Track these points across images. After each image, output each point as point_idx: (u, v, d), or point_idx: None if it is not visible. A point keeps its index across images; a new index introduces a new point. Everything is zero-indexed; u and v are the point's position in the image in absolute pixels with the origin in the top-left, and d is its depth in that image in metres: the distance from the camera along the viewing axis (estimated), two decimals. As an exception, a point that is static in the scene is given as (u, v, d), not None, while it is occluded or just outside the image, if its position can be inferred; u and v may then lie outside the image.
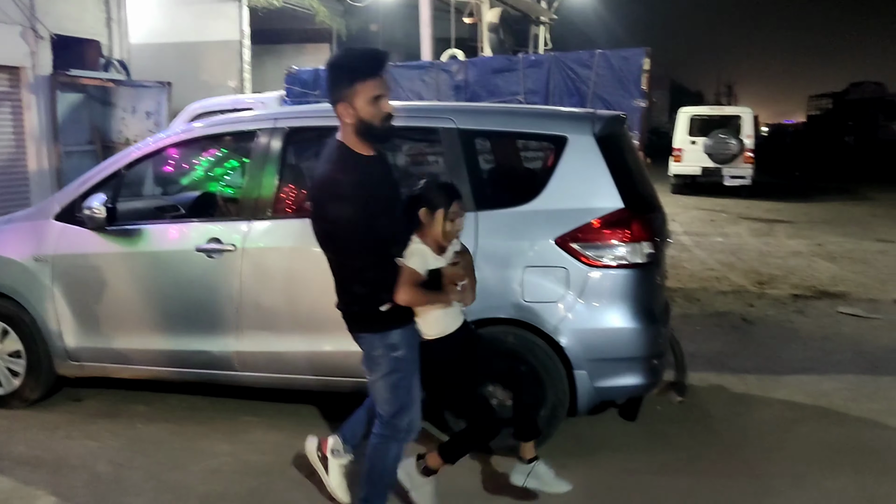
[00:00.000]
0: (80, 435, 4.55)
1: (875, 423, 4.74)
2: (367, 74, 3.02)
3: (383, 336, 3.18)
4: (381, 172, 3.20)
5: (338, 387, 4.49)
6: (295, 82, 8.64)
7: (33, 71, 10.75)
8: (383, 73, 3.08)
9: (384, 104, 3.05)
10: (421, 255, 3.14)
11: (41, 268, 4.82)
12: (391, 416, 3.26)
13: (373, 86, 3.02)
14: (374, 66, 3.06)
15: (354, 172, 3.04)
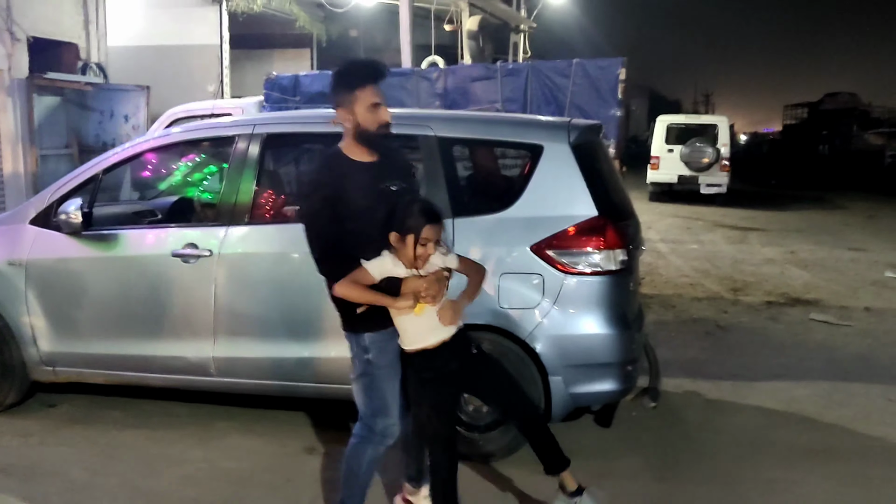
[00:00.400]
0: (53, 441, 4.52)
1: (845, 429, 4.82)
2: (367, 82, 3.19)
3: (358, 338, 3.24)
4: (370, 179, 3.21)
5: (313, 393, 4.50)
6: (274, 88, 8.63)
7: (9, 74, 10.64)
8: (380, 81, 3.24)
9: (382, 112, 3.19)
10: (380, 261, 3.12)
11: (15, 272, 4.79)
12: (367, 417, 3.29)
13: (371, 93, 3.19)
14: (374, 75, 3.23)
15: (325, 175, 3.19)
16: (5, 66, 10.57)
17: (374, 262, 3.12)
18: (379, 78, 3.24)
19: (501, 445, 4.22)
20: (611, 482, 4.06)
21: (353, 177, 3.18)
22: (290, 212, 5.11)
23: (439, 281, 3.14)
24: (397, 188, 3.28)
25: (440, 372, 3.21)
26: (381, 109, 3.20)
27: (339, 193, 3.13)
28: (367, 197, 3.18)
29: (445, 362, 3.20)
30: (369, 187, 3.21)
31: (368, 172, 3.23)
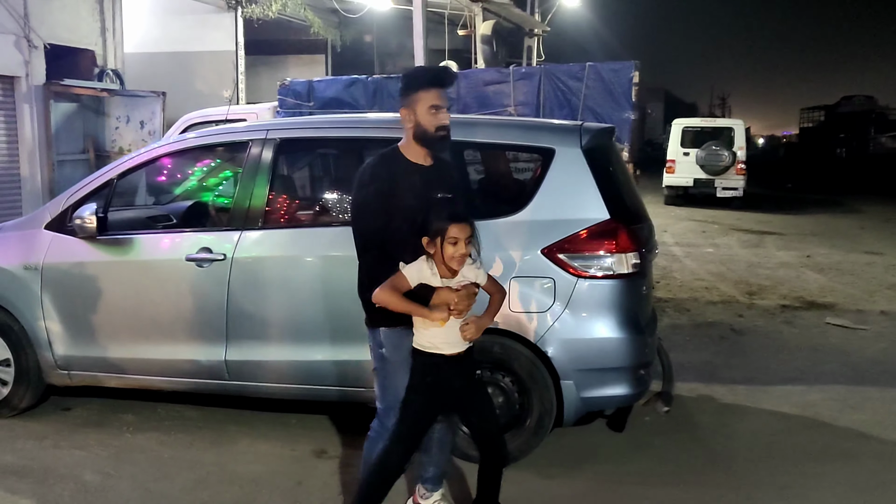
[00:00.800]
0: (67, 444, 4.55)
1: (860, 434, 4.77)
2: (430, 85, 3.32)
3: (374, 332, 3.33)
4: (420, 181, 3.30)
5: (326, 396, 4.51)
6: (288, 94, 8.69)
7: (27, 80, 10.78)
8: (446, 87, 3.38)
9: (441, 115, 3.30)
10: (418, 267, 3.16)
11: (31, 276, 4.83)
12: (381, 412, 3.37)
13: (433, 96, 3.31)
14: (438, 80, 3.37)
15: (382, 169, 3.30)
16: (23, 73, 10.70)
17: (413, 267, 3.16)
18: (443, 83, 3.37)
19: (512, 449, 4.16)
20: (623, 487, 4.05)
21: (405, 176, 3.29)
22: (303, 216, 5.14)
23: (469, 297, 3.17)
24: (443, 198, 3.33)
25: (443, 383, 3.23)
26: (441, 113, 3.30)
27: (392, 189, 3.24)
28: (416, 199, 3.25)
29: (452, 376, 3.22)
30: (419, 190, 3.29)
31: (421, 175, 3.33)
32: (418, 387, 3.24)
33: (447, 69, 3.54)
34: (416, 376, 3.25)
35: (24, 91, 10.75)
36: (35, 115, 10.87)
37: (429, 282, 3.15)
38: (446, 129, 3.33)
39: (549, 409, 4.16)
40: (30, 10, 10.73)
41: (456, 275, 3.17)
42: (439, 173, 3.41)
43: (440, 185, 3.36)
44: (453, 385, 3.24)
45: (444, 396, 3.27)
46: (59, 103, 11.30)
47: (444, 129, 3.32)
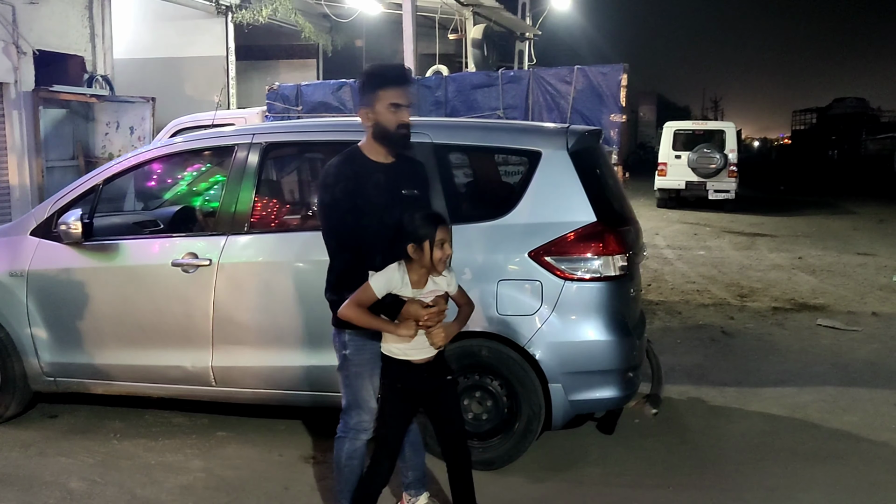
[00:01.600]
0: (53, 451, 4.52)
1: (851, 435, 4.77)
2: (390, 84, 3.31)
3: (340, 333, 3.33)
4: (384, 179, 3.30)
5: (312, 402, 4.48)
6: (277, 98, 8.65)
7: (16, 87, 10.73)
8: (406, 86, 3.36)
9: (401, 113, 3.29)
10: (388, 277, 3.12)
11: (16, 283, 4.80)
12: (343, 412, 3.39)
13: (393, 94, 3.29)
14: (398, 78, 3.36)
15: (346, 168, 3.28)
16: (11, 79, 10.65)
17: (381, 277, 3.12)
18: (402, 81, 3.36)
19: (501, 453, 4.20)
20: (612, 489, 4.04)
21: (369, 175, 3.29)
22: (290, 221, 5.12)
23: (440, 314, 3.15)
24: (410, 195, 3.35)
25: (414, 388, 3.23)
26: (401, 111, 3.29)
27: (357, 188, 3.25)
28: (381, 196, 3.27)
29: (422, 381, 3.22)
30: (383, 188, 3.29)
31: (384, 174, 3.32)
32: (390, 392, 3.24)
33: (405, 67, 3.52)
34: (386, 382, 3.24)
35: (12, 97, 10.70)
36: (24, 122, 10.82)
37: (398, 292, 3.12)
38: (407, 126, 3.34)
39: (537, 413, 4.14)
40: (18, 16, 10.68)
41: (426, 284, 3.15)
42: (403, 170, 3.41)
43: (404, 182, 3.38)
44: (424, 389, 3.24)
45: (417, 400, 3.27)
46: (49, 109, 11.24)
47: (404, 128, 3.33)
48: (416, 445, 3.58)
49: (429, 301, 3.14)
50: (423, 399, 3.29)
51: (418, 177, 3.50)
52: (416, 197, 3.37)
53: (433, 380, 3.25)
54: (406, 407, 3.27)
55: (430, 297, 3.15)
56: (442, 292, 3.20)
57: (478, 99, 7.71)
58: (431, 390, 3.26)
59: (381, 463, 3.26)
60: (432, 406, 3.32)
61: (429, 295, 3.15)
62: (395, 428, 3.27)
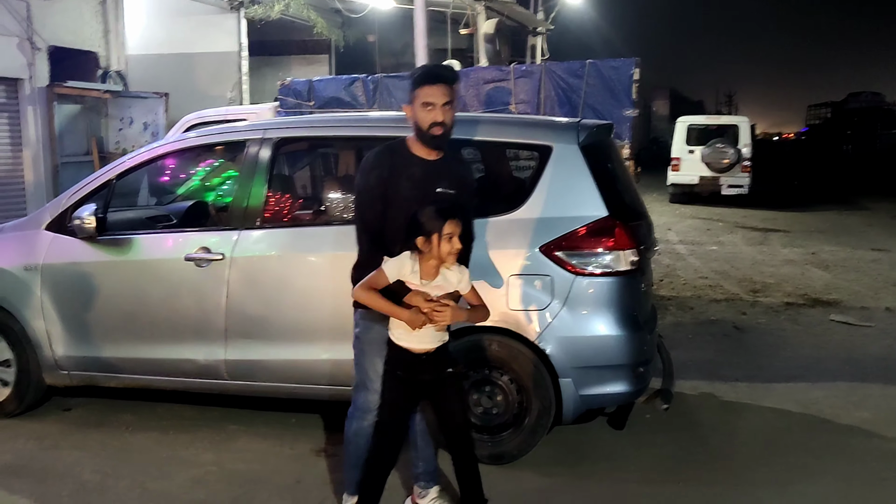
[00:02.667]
0: (67, 444, 4.56)
1: (862, 431, 4.74)
2: (424, 83, 3.38)
3: (355, 311, 3.47)
4: (420, 174, 3.37)
5: (324, 395, 4.50)
6: (289, 93, 8.69)
7: (31, 83, 10.82)
8: (439, 84, 3.38)
9: (433, 112, 3.34)
10: (400, 263, 3.20)
11: (31, 277, 4.84)
12: (354, 390, 3.50)
13: (426, 93, 3.36)
14: (430, 77, 3.42)
15: (385, 157, 3.41)
16: (26, 75, 10.74)
17: (393, 263, 3.20)
18: (434, 80, 3.39)
19: (511, 447, 4.21)
20: (622, 484, 4.04)
21: (406, 168, 3.38)
22: (302, 216, 5.14)
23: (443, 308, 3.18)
24: (444, 193, 3.38)
25: (412, 377, 3.27)
26: (434, 110, 3.33)
27: (391, 177, 3.35)
28: (414, 190, 3.33)
29: (420, 371, 3.27)
30: (418, 182, 3.36)
31: (421, 169, 3.39)
32: (390, 379, 3.31)
33: (443, 66, 3.57)
34: (388, 368, 3.32)
35: (27, 93, 10.79)
36: (38, 117, 10.91)
37: (407, 280, 3.19)
38: (440, 125, 3.35)
39: (547, 408, 4.14)
40: (32, 12, 10.77)
41: (437, 275, 3.19)
42: (442, 169, 3.44)
43: (442, 180, 3.40)
44: (424, 380, 3.29)
45: (416, 390, 3.32)
46: (63, 105, 11.34)
47: (437, 126, 3.34)
48: (426, 437, 3.61)
49: (434, 295, 3.17)
50: (425, 390, 3.32)
51: (459, 177, 3.51)
52: (450, 196, 3.38)
53: (433, 371, 3.29)
54: (405, 396, 3.32)
55: (438, 292, 3.18)
56: (451, 289, 3.22)
57: (490, 93, 7.72)
58: (432, 382, 3.30)
59: (382, 449, 3.31)
60: (434, 398, 3.35)
61: (436, 289, 3.19)
62: (394, 415, 3.32)
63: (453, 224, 3.14)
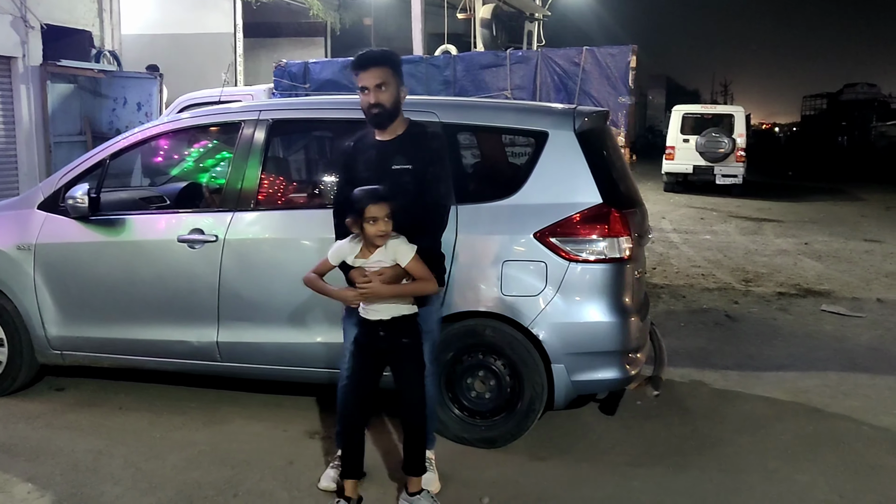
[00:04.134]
0: (60, 424, 4.56)
1: (852, 420, 4.78)
2: (356, 69, 3.62)
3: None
4: (376, 156, 3.58)
5: (317, 378, 4.51)
6: (284, 75, 8.64)
7: (24, 61, 10.75)
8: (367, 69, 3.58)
9: (368, 95, 3.57)
10: (340, 246, 3.45)
11: (24, 256, 4.83)
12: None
13: (360, 79, 3.61)
14: (360, 63, 3.61)
15: (349, 144, 3.72)
16: (19, 54, 10.67)
17: (334, 248, 3.47)
18: (363, 65, 3.59)
19: (503, 431, 4.23)
20: (612, 469, 4.07)
21: (365, 150, 3.63)
22: (296, 198, 5.12)
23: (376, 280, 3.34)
24: (399, 169, 3.53)
25: (368, 343, 3.48)
26: (368, 93, 3.56)
27: (351, 162, 3.65)
28: (368, 171, 3.55)
29: (376, 340, 3.46)
30: (372, 163, 3.58)
31: (377, 150, 3.60)
32: (352, 345, 3.58)
33: (375, 50, 3.70)
34: (348, 333, 3.62)
35: (20, 71, 10.72)
36: (32, 96, 10.85)
37: (348, 260, 3.41)
38: (376, 106, 3.55)
39: (539, 393, 4.16)
40: (27, -10, 10.68)
41: (373, 253, 3.35)
42: (399, 147, 3.60)
43: (398, 157, 3.57)
44: (380, 348, 3.47)
45: (374, 358, 3.51)
46: (56, 84, 11.27)
47: (373, 107, 3.56)
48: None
49: (374, 270, 3.34)
50: (383, 359, 3.52)
51: (416, 152, 3.60)
52: (405, 171, 3.54)
53: (388, 341, 3.45)
54: (362, 362, 3.52)
55: (376, 267, 3.35)
56: (388, 263, 3.35)
57: (486, 79, 7.69)
58: (388, 351, 3.48)
59: (344, 409, 3.60)
60: (393, 369, 3.54)
61: (374, 265, 3.35)
62: (351, 378, 3.56)
63: (377, 208, 3.28)
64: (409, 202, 3.47)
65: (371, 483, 3.73)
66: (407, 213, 3.42)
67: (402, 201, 3.42)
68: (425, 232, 3.52)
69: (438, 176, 3.60)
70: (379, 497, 3.67)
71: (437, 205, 3.59)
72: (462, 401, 4.29)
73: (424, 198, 3.54)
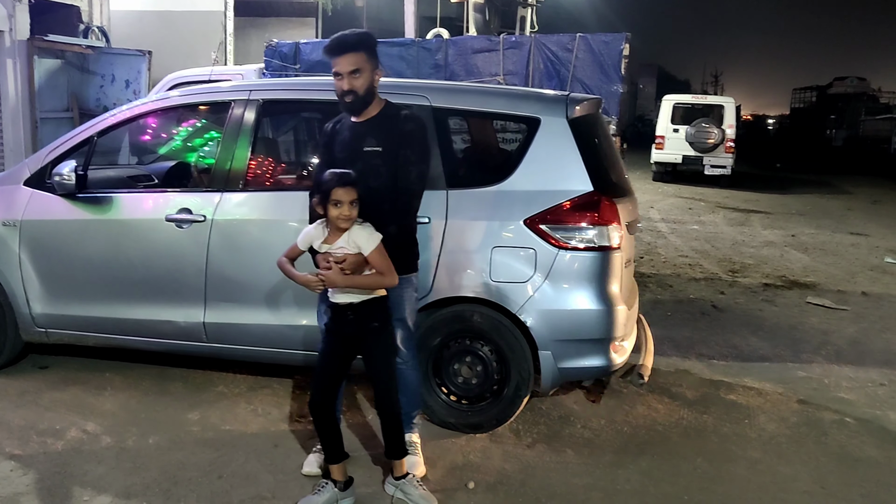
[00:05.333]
0: (43, 402, 4.53)
1: (835, 412, 4.82)
2: (330, 54, 3.58)
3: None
4: (349, 137, 3.61)
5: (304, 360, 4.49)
6: (275, 55, 8.57)
7: (11, 35, 10.60)
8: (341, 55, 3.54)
9: (341, 81, 3.55)
10: (307, 231, 3.43)
11: (9, 233, 4.78)
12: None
13: (334, 64, 3.57)
14: (334, 48, 3.57)
15: (331, 127, 3.71)
16: (6, 28, 10.52)
17: (303, 233, 3.44)
18: (337, 51, 3.54)
19: (489, 417, 4.24)
20: (597, 457, 4.08)
21: (340, 132, 3.66)
22: (285, 179, 5.09)
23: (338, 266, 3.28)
24: (371, 150, 3.54)
25: (335, 327, 3.46)
26: (342, 79, 3.54)
27: (329, 143, 3.68)
28: (343, 153, 3.59)
29: (345, 323, 3.42)
30: (346, 144, 3.61)
31: (350, 131, 3.62)
32: (323, 330, 3.57)
33: (349, 34, 3.61)
34: (321, 318, 3.64)
35: (7, 46, 10.58)
36: (18, 71, 10.71)
37: (315, 245, 3.38)
38: (349, 93, 3.53)
39: (526, 379, 4.17)
40: (14, -38, 10.53)
41: (338, 239, 3.32)
42: (372, 128, 3.60)
43: (369, 138, 3.56)
44: (346, 331, 3.44)
45: (342, 341, 3.47)
46: (43, 59, 11.13)
47: (347, 94, 3.53)
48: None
49: (336, 257, 3.29)
50: (353, 343, 3.48)
51: (388, 134, 3.58)
52: (375, 153, 3.54)
53: (356, 325, 3.42)
54: (331, 347, 3.49)
55: (339, 253, 3.30)
56: (352, 250, 3.31)
57: (478, 63, 7.66)
58: (357, 335, 3.45)
59: (315, 394, 3.51)
60: (363, 354, 3.51)
61: (339, 251, 3.31)
62: (321, 363, 3.53)
63: (343, 191, 3.24)
64: (379, 185, 3.48)
65: (357, 467, 3.73)
66: (376, 196, 3.42)
67: (374, 184, 3.44)
68: (392, 217, 3.48)
69: (409, 159, 3.56)
70: (365, 482, 3.67)
71: (406, 189, 3.55)
72: (449, 386, 4.29)
73: (395, 182, 3.53)
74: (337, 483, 3.48)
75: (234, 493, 3.58)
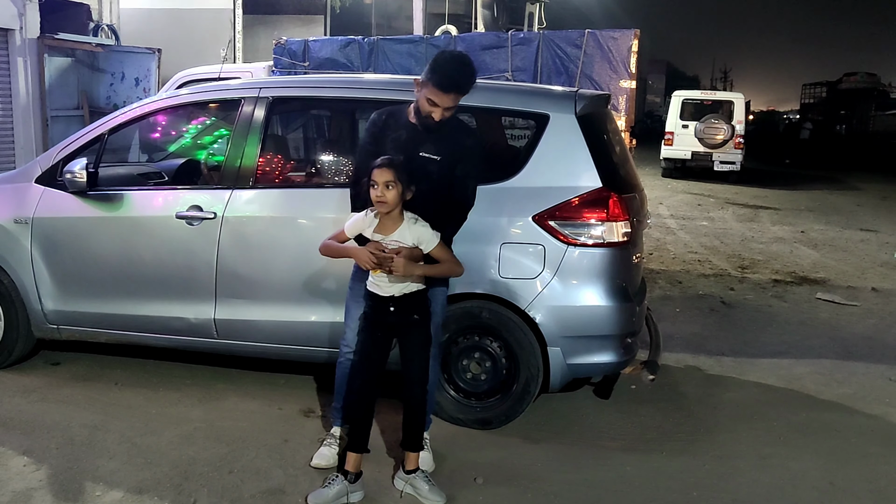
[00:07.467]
0: (55, 398, 4.57)
1: (844, 408, 4.81)
2: (435, 84, 3.44)
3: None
4: (406, 137, 3.57)
5: (314, 357, 4.51)
6: (284, 53, 8.59)
7: (21, 34, 10.65)
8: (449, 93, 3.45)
9: (435, 110, 3.48)
10: (357, 218, 3.48)
11: (21, 230, 4.81)
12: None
13: (437, 94, 3.45)
14: (447, 86, 3.44)
15: (383, 117, 3.67)
16: (17, 26, 10.56)
17: (352, 219, 3.50)
18: (449, 89, 3.44)
19: (498, 413, 4.25)
20: (606, 453, 4.09)
21: (396, 130, 3.59)
22: (295, 177, 5.11)
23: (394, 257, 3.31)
24: (427, 158, 3.53)
25: (377, 319, 3.51)
26: (436, 109, 3.47)
27: (380, 135, 3.61)
28: (395, 151, 3.49)
29: (385, 315, 3.49)
30: (402, 144, 3.54)
31: (408, 132, 3.57)
32: (362, 320, 3.61)
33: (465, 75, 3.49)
34: (362, 311, 3.61)
35: (17, 44, 10.62)
36: (29, 69, 10.76)
37: (364, 233, 3.45)
38: (433, 120, 3.50)
39: (535, 375, 4.18)
40: (24, -39, 10.57)
41: (393, 231, 3.38)
42: (433, 136, 3.54)
43: (428, 146, 3.54)
44: (389, 323, 3.50)
45: (383, 332, 3.53)
46: (54, 57, 11.18)
47: (432, 119, 3.50)
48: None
49: (389, 248, 3.34)
50: (390, 332, 3.54)
51: (447, 145, 3.58)
52: (431, 161, 3.53)
53: (398, 316, 3.48)
54: (373, 337, 3.54)
55: (394, 246, 3.35)
56: (408, 245, 3.36)
57: (486, 60, 7.64)
58: (396, 326, 3.51)
59: (353, 385, 3.62)
60: (400, 344, 3.56)
61: (392, 243, 3.36)
62: (361, 353, 3.59)
63: (382, 173, 3.31)
64: (427, 189, 3.48)
65: (367, 461, 3.74)
66: (421, 198, 3.43)
67: (422, 186, 3.43)
68: (446, 226, 3.54)
69: (469, 174, 3.64)
70: (374, 476, 3.69)
71: (464, 203, 3.65)
72: (458, 382, 4.31)
73: (452, 193, 3.60)
74: (348, 475, 3.50)
75: (244, 487, 3.60)
